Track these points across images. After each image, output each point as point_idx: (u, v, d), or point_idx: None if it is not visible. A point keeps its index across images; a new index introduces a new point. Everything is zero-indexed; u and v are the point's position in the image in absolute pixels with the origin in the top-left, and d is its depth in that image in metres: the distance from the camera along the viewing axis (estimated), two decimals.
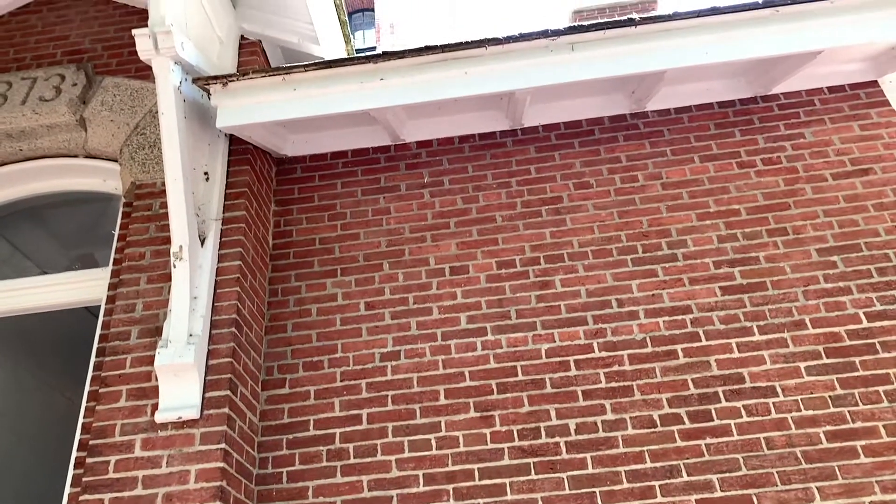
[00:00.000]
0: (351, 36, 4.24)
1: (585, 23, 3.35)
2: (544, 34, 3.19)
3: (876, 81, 3.72)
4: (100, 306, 3.35)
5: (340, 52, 4.20)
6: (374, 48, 14.27)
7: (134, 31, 3.07)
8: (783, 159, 3.55)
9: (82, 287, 3.52)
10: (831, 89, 3.75)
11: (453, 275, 3.41)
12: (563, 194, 3.60)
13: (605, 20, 3.13)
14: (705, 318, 3.16)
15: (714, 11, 3.15)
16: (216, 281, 3.12)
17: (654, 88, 3.55)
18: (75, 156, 3.78)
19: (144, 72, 3.76)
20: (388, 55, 3.24)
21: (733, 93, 3.77)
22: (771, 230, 3.36)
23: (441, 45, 3.22)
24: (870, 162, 3.49)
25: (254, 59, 3.90)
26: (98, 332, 3.23)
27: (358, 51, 14.07)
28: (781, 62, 3.44)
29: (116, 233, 3.54)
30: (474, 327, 3.25)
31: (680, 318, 3.18)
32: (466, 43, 3.22)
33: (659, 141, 3.70)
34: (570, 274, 3.34)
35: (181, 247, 3.00)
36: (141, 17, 4.03)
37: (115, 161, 3.68)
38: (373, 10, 14.47)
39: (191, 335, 2.87)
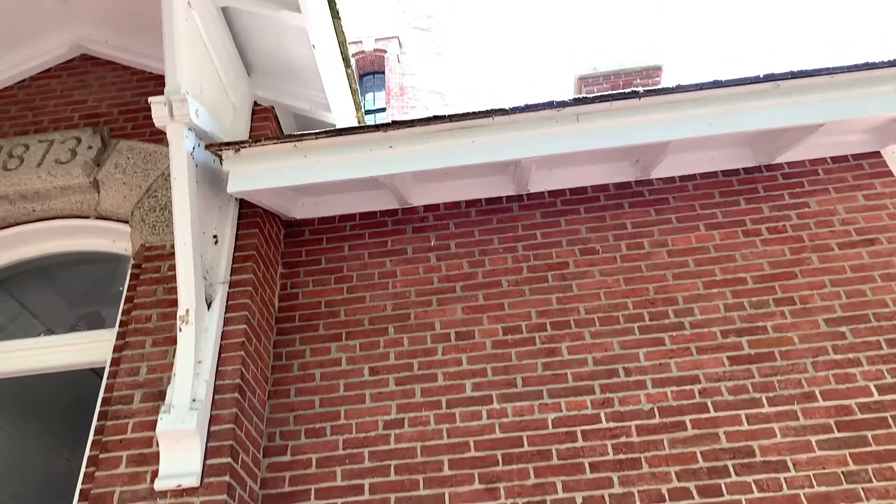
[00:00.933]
0: (362, 102, 4.35)
1: (590, 94, 3.43)
2: (550, 105, 3.26)
3: (879, 152, 3.76)
4: (104, 368, 3.35)
5: (351, 119, 4.29)
6: (383, 109, 14.58)
7: (150, 99, 3.16)
8: (788, 228, 3.57)
9: (87, 348, 3.52)
10: (835, 159, 3.79)
11: (459, 340, 3.40)
12: (569, 260, 3.61)
13: (610, 92, 3.20)
14: (713, 389, 3.12)
15: (716, 84, 3.22)
16: (221, 345, 3.11)
17: (659, 157, 3.61)
18: (87, 217, 3.84)
19: (159, 135, 3.84)
20: (397, 124, 3.31)
21: (737, 162, 3.82)
22: (778, 299, 3.34)
23: (449, 115, 3.29)
24: (876, 232, 3.50)
25: (266, 124, 3.99)
26: (101, 394, 3.22)
27: (367, 111, 14.36)
28: (784, 133, 3.49)
29: (124, 294, 3.56)
30: (479, 395, 3.21)
31: (688, 388, 3.14)
32: (473, 113, 3.29)
33: (664, 208, 3.73)
34: (577, 341, 3.32)
35: (188, 310, 3.01)
36: (158, 82, 4.15)
37: (126, 222, 3.73)
38: (383, 72, 14.84)
39: (194, 400, 2.85)
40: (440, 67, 15.13)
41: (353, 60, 4.14)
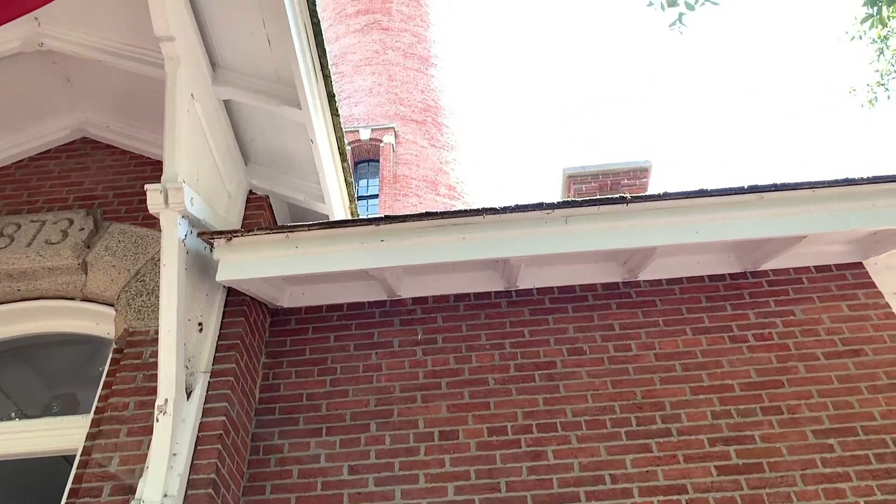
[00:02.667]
0: (355, 193, 4.42)
1: (579, 197, 3.51)
2: (539, 206, 3.33)
3: (861, 263, 3.83)
4: (76, 455, 3.23)
5: (344, 210, 4.36)
6: (376, 195, 14.82)
7: (147, 186, 3.20)
8: (774, 336, 3.58)
9: (60, 435, 3.41)
10: (818, 268, 3.86)
11: (442, 440, 3.32)
12: (556, 359, 3.59)
13: (598, 197, 3.28)
14: (701, 500, 3.05)
15: (702, 193, 3.31)
16: (198, 437, 3.03)
17: (647, 260, 3.66)
18: (72, 298, 3.80)
19: (152, 219, 3.86)
20: (389, 219, 3.36)
21: (723, 267, 3.87)
22: (765, 408, 3.32)
23: (440, 213, 3.35)
24: (861, 343, 3.52)
25: (260, 213, 4.03)
26: (69, 485, 3.09)
27: (360, 197, 14.59)
28: (768, 242, 3.56)
29: (103, 378, 3.49)
30: (462, 499, 3.11)
31: (675, 497, 3.06)
32: (464, 211, 3.35)
33: (651, 311, 3.75)
34: (563, 445, 3.26)
35: (166, 400, 2.94)
36: (155, 167, 4.21)
37: (112, 305, 3.69)
38: (377, 160, 15.17)
39: (165, 495, 2.74)
40: (433, 158, 15.50)
41: (349, 149, 4.24)
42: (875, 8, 4.06)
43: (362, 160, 15.30)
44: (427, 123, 16.32)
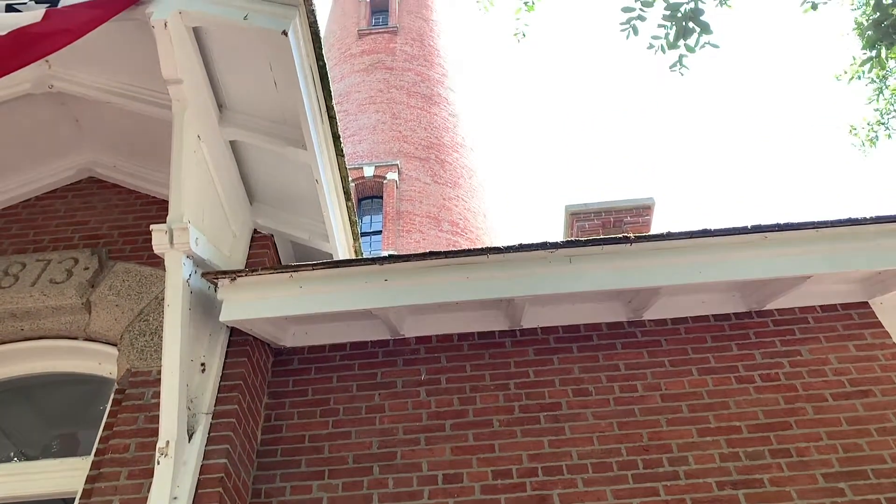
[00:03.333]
0: (359, 232, 4.43)
1: (582, 238, 3.52)
2: (543, 246, 3.33)
3: (867, 302, 3.81)
4: (75, 498, 3.19)
5: (348, 248, 4.37)
6: (379, 231, 14.86)
7: (152, 227, 3.22)
8: (781, 376, 3.55)
9: (59, 477, 3.37)
10: (824, 308, 3.84)
11: (446, 483, 3.27)
12: (561, 401, 3.55)
13: (602, 237, 3.29)
14: None
15: (705, 233, 3.31)
16: (199, 479, 2.99)
17: (651, 300, 3.64)
18: (75, 338, 3.80)
19: (156, 258, 3.86)
20: (393, 258, 3.37)
21: (728, 306, 3.86)
22: (774, 451, 3.27)
23: (444, 252, 3.35)
24: (869, 383, 3.48)
25: (264, 251, 4.04)
26: None
27: (363, 233, 14.63)
28: (773, 282, 3.55)
29: (104, 419, 3.46)
30: None
31: None
32: (468, 251, 3.35)
33: (657, 351, 3.72)
34: (569, 489, 3.20)
35: (168, 442, 2.92)
36: (161, 206, 4.24)
37: (114, 345, 3.69)
38: (381, 197, 15.26)
39: None
40: (436, 194, 15.58)
41: (352, 186, 4.27)
42: (874, 51, 4.12)
43: (366, 197, 15.39)
44: (430, 160, 16.45)
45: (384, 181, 15.43)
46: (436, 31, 21.01)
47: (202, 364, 3.34)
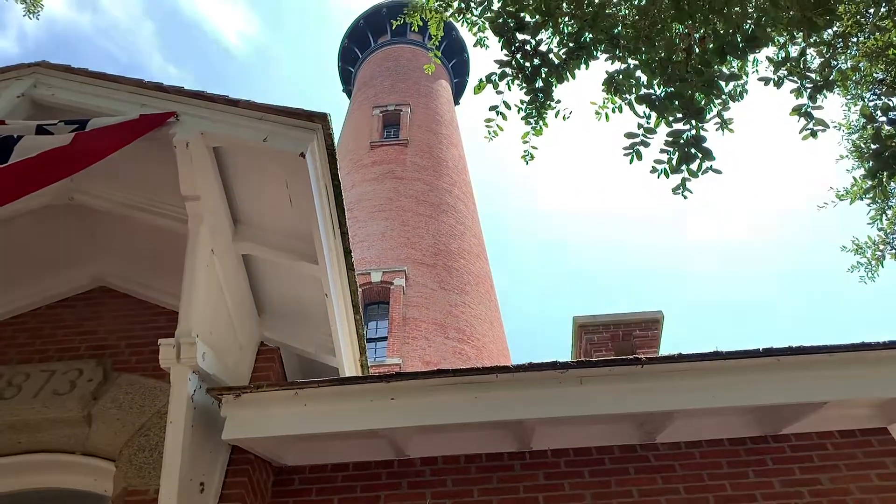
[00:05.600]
0: (366, 347, 4.41)
1: (593, 352, 3.48)
2: (553, 366, 3.29)
3: (886, 429, 3.70)
4: None
5: (354, 362, 4.32)
6: (385, 338, 14.76)
7: (160, 341, 3.22)
8: None
9: None
10: (842, 433, 3.72)
11: None
12: None
13: (613, 357, 3.25)
14: None
15: (717, 356, 3.27)
16: None
17: (664, 423, 3.55)
18: (72, 452, 3.70)
19: (161, 370, 3.83)
20: (400, 376, 3.33)
21: (743, 430, 3.75)
22: None
23: (452, 370, 3.31)
24: None
25: (270, 365, 4.00)
26: None
27: (369, 340, 14.52)
28: (789, 407, 3.47)
29: None
30: None
31: None
32: (477, 369, 3.31)
33: (671, 476, 3.58)
34: None
35: None
36: (169, 317, 4.23)
37: (112, 461, 3.58)
38: (387, 302, 15.27)
39: None
40: (443, 301, 15.60)
41: (359, 290, 4.27)
42: (877, 180, 4.24)
43: (372, 302, 15.40)
44: (437, 267, 16.58)
45: (391, 287, 15.48)
46: (444, 143, 21.75)
47: (201, 483, 3.23)
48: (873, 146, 3.21)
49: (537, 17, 4.14)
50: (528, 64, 4.11)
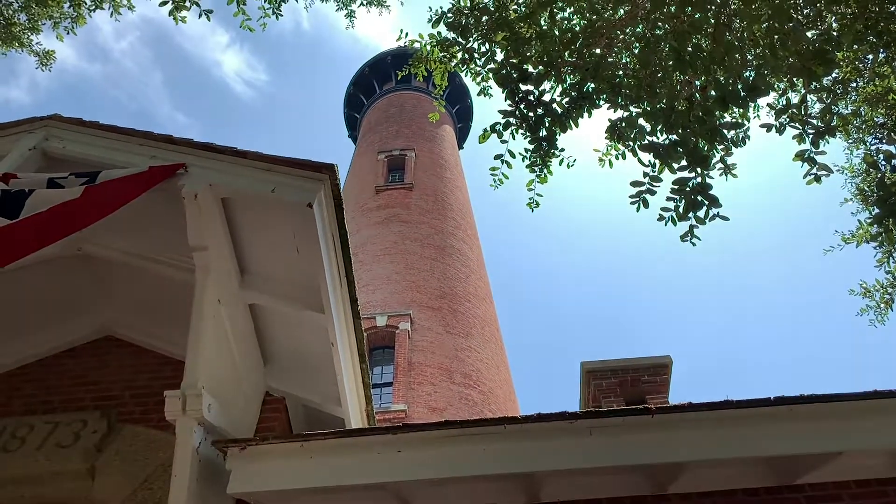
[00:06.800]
0: (371, 393, 4.37)
1: (602, 401, 3.44)
2: (562, 416, 3.25)
3: None
4: None
5: (360, 412, 4.28)
6: (390, 383, 14.63)
7: (166, 393, 3.20)
8: None
9: None
10: (858, 483, 3.63)
11: None
12: None
13: (623, 408, 3.21)
14: None
15: (728, 405, 3.22)
16: None
17: (676, 473, 3.48)
18: None
19: (166, 422, 3.80)
20: (407, 427, 3.29)
21: (758, 480, 3.66)
22: None
23: (460, 422, 3.28)
24: None
25: (276, 415, 3.97)
26: None
27: (374, 385, 14.40)
28: (803, 457, 3.40)
29: None
30: None
31: None
32: (484, 421, 3.27)
33: None
34: None
35: None
36: (175, 367, 4.21)
37: None
38: (393, 347, 15.18)
39: None
40: (449, 345, 15.51)
41: (364, 335, 4.25)
42: (882, 227, 4.24)
43: (377, 347, 15.30)
44: (443, 310, 16.53)
45: (396, 331, 15.41)
46: (449, 187, 21.93)
47: None
48: (878, 193, 3.22)
49: (540, 67, 4.21)
50: (531, 114, 4.17)
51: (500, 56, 4.65)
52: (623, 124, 4.24)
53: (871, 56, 5.49)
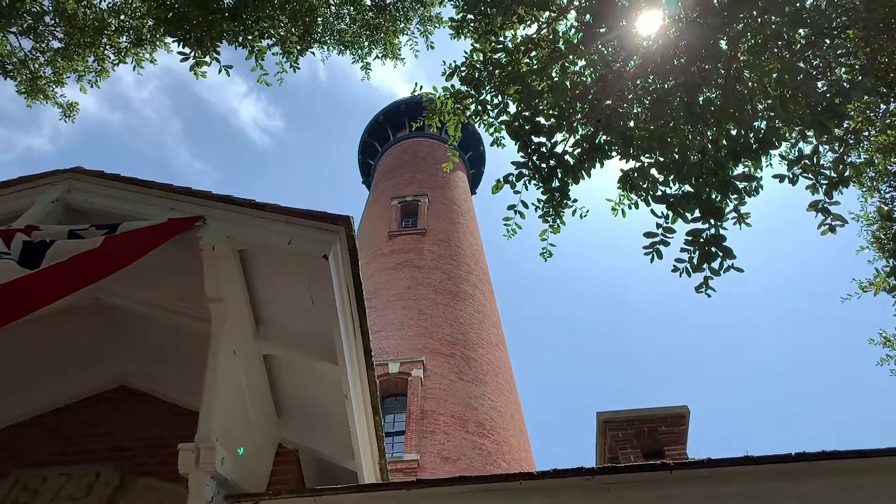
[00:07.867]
0: (385, 450, 4.32)
1: (619, 455, 3.38)
2: (579, 472, 3.19)
3: None
4: None
5: (373, 465, 4.23)
6: (402, 432, 14.45)
7: (180, 446, 3.19)
8: None
9: None
10: None
11: None
12: None
13: (642, 463, 3.15)
14: None
15: (747, 461, 3.16)
16: None
17: None
18: None
19: (179, 474, 3.77)
20: (421, 483, 3.24)
21: None
22: None
23: (475, 477, 3.23)
24: None
25: (288, 468, 3.93)
26: None
27: (386, 434, 14.22)
28: None
29: None
30: None
31: None
32: (500, 476, 3.23)
33: None
34: None
35: None
36: (189, 418, 4.17)
37: None
38: (405, 395, 15.04)
39: None
40: (462, 392, 15.35)
41: (378, 385, 4.22)
42: None
43: (389, 394, 15.16)
44: (456, 357, 16.41)
45: (409, 378, 15.29)
46: (462, 232, 22.02)
47: None
48: (893, 245, 3.21)
49: (552, 120, 4.27)
50: (544, 165, 4.21)
51: (512, 108, 4.72)
52: (635, 174, 4.27)
53: (882, 106, 5.52)
